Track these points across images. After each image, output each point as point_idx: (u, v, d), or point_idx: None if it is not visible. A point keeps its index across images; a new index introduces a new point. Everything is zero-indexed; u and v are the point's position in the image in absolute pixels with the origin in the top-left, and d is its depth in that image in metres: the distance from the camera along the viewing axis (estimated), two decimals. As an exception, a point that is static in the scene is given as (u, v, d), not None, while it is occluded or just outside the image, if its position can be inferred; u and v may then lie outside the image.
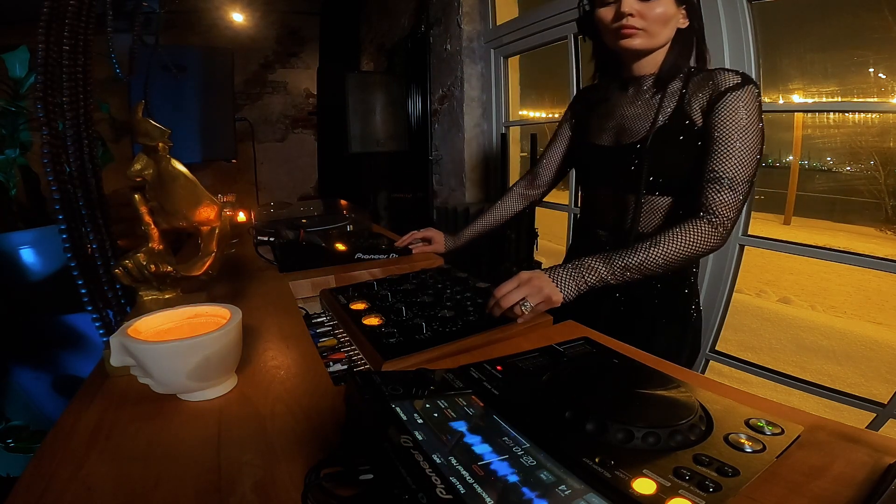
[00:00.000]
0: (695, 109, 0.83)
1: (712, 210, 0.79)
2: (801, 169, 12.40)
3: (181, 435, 0.48)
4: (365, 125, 2.96)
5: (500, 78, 2.46)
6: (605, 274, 0.77)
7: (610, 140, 0.95)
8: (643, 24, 0.82)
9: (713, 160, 0.79)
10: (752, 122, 0.78)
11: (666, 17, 0.82)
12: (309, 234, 1.15)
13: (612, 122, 0.95)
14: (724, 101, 0.79)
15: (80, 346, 1.50)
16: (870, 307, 4.37)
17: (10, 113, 1.49)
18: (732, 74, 0.81)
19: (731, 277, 1.53)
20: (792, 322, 3.58)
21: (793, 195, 9.82)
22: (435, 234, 1.21)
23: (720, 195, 0.78)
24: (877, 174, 9.79)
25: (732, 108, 0.78)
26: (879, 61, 9.77)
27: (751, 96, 0.79)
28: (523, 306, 0.72)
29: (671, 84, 0.87)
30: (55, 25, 0.96)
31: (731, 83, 0.80)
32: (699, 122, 0.83)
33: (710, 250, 0.80)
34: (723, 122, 0.79)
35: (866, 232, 8.42)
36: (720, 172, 0.78)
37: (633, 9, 0.81)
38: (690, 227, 0.79)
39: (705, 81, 0.83)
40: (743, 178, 0.78)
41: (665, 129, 0.85)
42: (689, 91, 0.84)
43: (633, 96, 0.92)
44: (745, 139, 0.78)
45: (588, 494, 0.33)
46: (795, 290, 4.81)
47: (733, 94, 0.79)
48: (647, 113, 0.88)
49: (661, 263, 0.78)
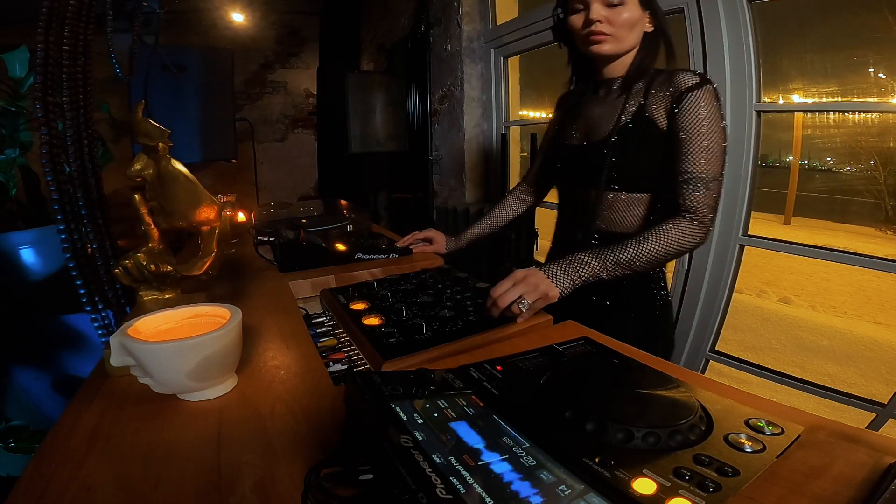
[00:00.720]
0: (657, 110, 0.87)
1: (692, 209, 0.82)
2: (801, 169, 12.40)
3: (181, 435, 0.48)
4: (365, 125, 2.96)
5: (500, 78, 2.46)
6: (598, 268, 0.80)
7: (579, 139, 1.00)
8: (611, 30, 0.86)
9: (684, 161, 0.83)
10: (714, 120, 0.82)
11: (632, 22, 0.86)
12: (309, 234, 1.15)
13: (582, 122, 1.00)
14: (685, 102, 0.83)
15: (80, 346, 1.50)
16: (870, 307, 4.37)
17: (10, 113, 1.49)
18: (691, 75, 0.84)
19: (731, 277, 1.53)
20: (792, 322, 3.58)
21: (793, 195, 9.82)
22: (436, 234, 1.22)
23: (696, 194, 0.82)
24: (877, 174, 9.79)
25: (694, 109, 0.82)
26: (879, 61, 9.76)
27: (709, 96, 0.83)
28: (521, 304, 0.72)
29: (635, 85, 0.91)
30: (55, 25, 0.96)
31: (689, 83, 0.83)
32: (661, 122, 0.87)
33: (693, 247, 0.84)
34: (687, 124, 0.83)
35: (866, 232, 8.42)
36: (693, 172, 0.82)
37: (600, 15, 0.85)
38: (675, 226, 0.82)
39: (666, 82, 0.87)
40: (714, 175, 0.82)
41: (627, 128, 0.89)
42: (651, 92, 0.89)
43: (602, 97, 0.97)
44: (711, 138, 0.82)
45: (588, 494, 0.33)
46: (795, 290, 4.81)
47: (693, 94, 0.83)
48: (612, 113, 0.93)
49: (649, 259, 0.81)
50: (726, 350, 1.65)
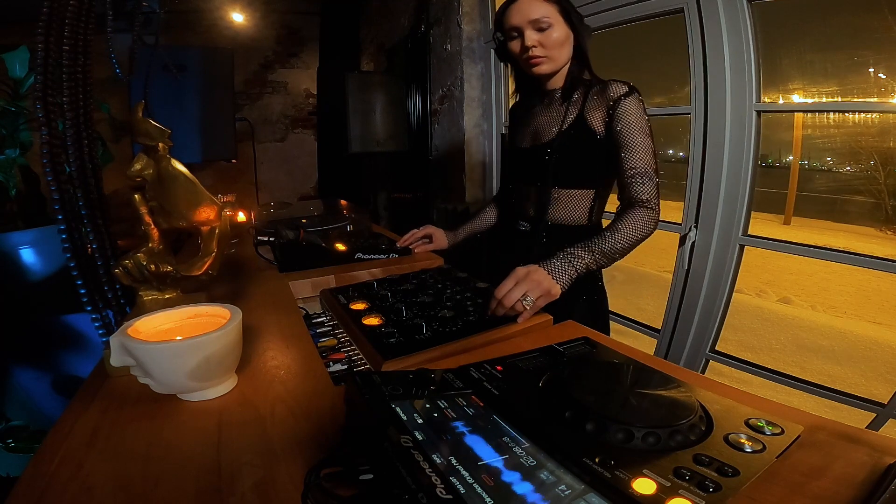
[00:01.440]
0: (594, 116, 0.99)
1: (644, 199, 0.92)
2: (801, 169, 12.40)
3: (181, 435, 0.48)
4: (365, 125, 2.96)
5: (500, 78, 2.46)
6: (589, 260, 0.86)
7: (528, 143, 1.11)
8: (545, 52, 0.97)
9: (628, 159, 0.94)
10: (644, 122, 0.95)
11: (561, 41, 0.97)
12: (309, 234, 1.15)
13: (531, 128, 1.11)
14: (618, 109, 0.95)
15: (80, 346, 1.50)
16: (870, 307, 4.37)
17: (10, 113, 1.49)
18: (621, 85, 0.97)
19: (730, 277, 1.53)
20: (792, 322, 3.58)
21: (793, 195, 9.82)
22: (435, 230, 1.24)
23: (645, 186, 0.92)
24: (877, 174, 9.79)
25: (627, 114, 0.94)
26: (879, 61, 9.77)
27: (637, 101, 0.95)
28: (525, 302, 0.74)
29: (574, 94, 1.03)
30: (55, 25, 0.96)
31: (620, 93, 0.95)
32: (598, 127, 0.98)
33: (650, 233, 0.93)
34: (624, 128, 0.94)
35: (866, 232, 8.42)
36: (638, 168, 0.93)
37: (534, 41, 0.96)
38: (636, 215, 0.90)
39: (601, 92, 0.99)
40: (653, 167, 0.94)
41: (568, 133, 1.01)
42: (588, 101, 1.00)
43: (546, 106, 1.09)
44: (645, 137, 0.94)
45: (588, 494, 0.33)
46: (795, 290, 4.81)
47: (624, 101, 0.95)
48: (556, 119, 1.05)
49: (622, 247, 0.89)
50: (726, 350, 1.65)
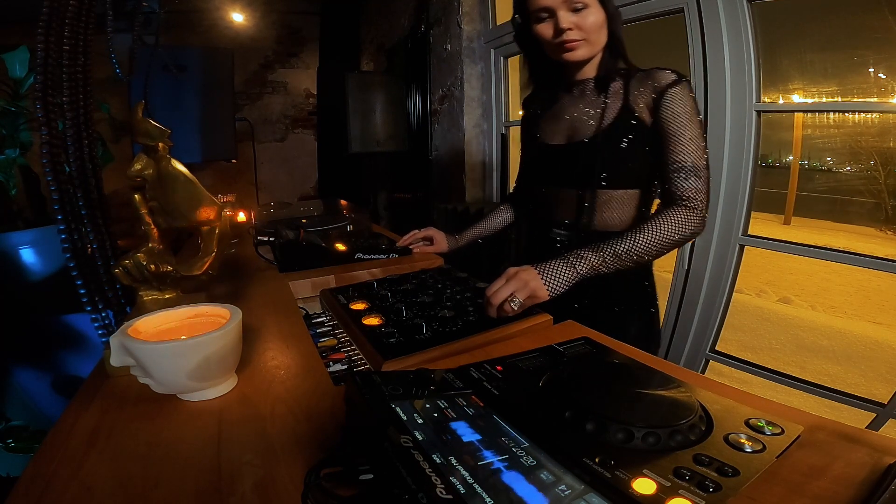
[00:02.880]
0: (640, 107, 0.89)
1: (686, 196, 0.84)
2: (801, 169, 12.39)
3: (181, 435, 0.48)
4: (365, 125, 2.96)
5: (500, 78, 2.46)
6: (596, 262, 0.80)
7: (562, 139, 0.99)
8: (582, 35, 0.86)
9: (672, 152, 0.85)
10: (694, 113, 0.86)
11: (599, 24, 0.87)
12: (309, 234, 1.15)
13: (563, 123, 0.99)
14: (666, 97, 0.86)
15: (80, 346, 1.50)
16: (870, 307, 4.37)
17: (10, 113, 1.49)
18: (668, 73, 0.87)
19: (731, 277, 1.53)
20: (792, 322, 3.58)
21: (793, 195, 9.82)
22: (436, 233, 1.22)
23: (689, 182, 0.84)
24: (877, 174, 9.78)
25: (677, 103, 0.85)
26: (879, 61, 9.78)
27: (687, 90, 0.86)
28: (512, 303, 0.72)
29: (612, 84, 0.93)
30: (55, 25, 0.96)
31: (669, 80, 0.86)
32: (646, 118, 0.89)
33: (691, 235, 0.84)
34: (672, 117, 0.85)
35: (866, 232, 8.41)
36: (682, 162, 0.84)
37: (570, 23, 0.85)
38: (671, 214, 0.83)
39: (645, 80, 0.89)
40: (702, 164, 0.84)
41: (613, 127, 0.91)
42: (631, 90, 0.90)
43: (578, 98, 0.97)
44: (694, 129, 0.85)
45: (588, 494, 0.33)
46: (795, 290, 4.81)
47: (672, 89, 0.85)
48: (594, 112, 0.94)
49: (646, 250, 0.81)
50: (726, 350, 1.65)
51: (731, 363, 1.62)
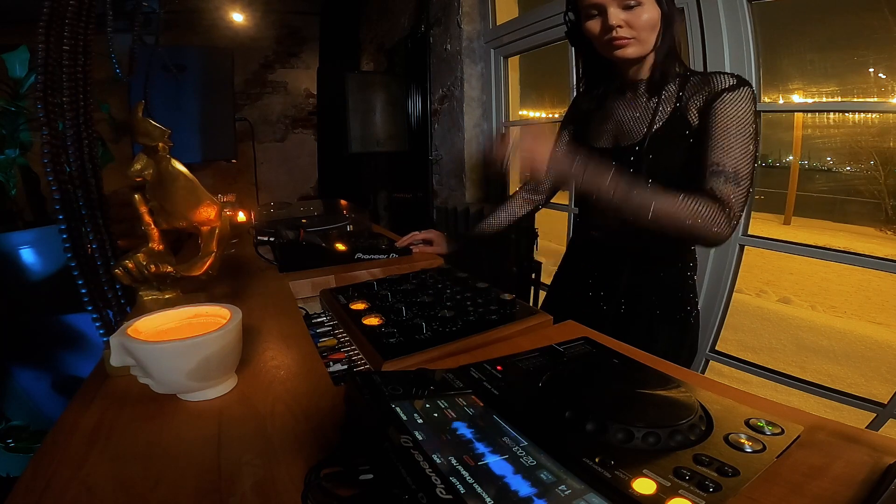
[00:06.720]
0: (692, 112, 0.85)
1: (720, 199, 0.79)
2: (801, 169, 12.40)
3: (181, 435, 0.48)
4: (365, 125, 2.96)
5: (500, 78, 2.46)
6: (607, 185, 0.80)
7: (609, 142, 0.96)
8: (633, 33, 0.82)
9: (714, 154, 0.80)
10: (748, 119, 0.79)
11: (653, 23, 0.82)
12: (309, 234, 1.15)
13: (610, 125, 0.96)
14: (720, 100, 0.80)
15: (80, 346, 1.50)
16: (870, 307, 4.37)
17: (10, 113, 1.49)
18: (729, 77, 0.82)
19: (731, 277, 1.53)
20: (792, 322, 3.58)
21: (793, 195, 9.82)
22: (436, 235, 1.22)
23: (726, 187, 0.78)
24: (877, 174, 9.79)
25: (730, 106, 0.79)
26: (879, 61, 9.78)
27: (747, 96, 0.80)
28: None
29: (667, 87, 0.88)
30: (55, 25, 0.96)
31: (727, 84, 0.81)
32: (696, 122, 0.84)
33: (712, 235, 0.79)
34: (721, 118, 0.80)
35: (866, 232, 8.42)
36: (722, 165, 0.79)
37: (619, 20, 0.81)
38: (703, 200, 0.78)
39: (702, 85, 0.84)
40: (744, 172, 0.79)
41: (662, 132, 0.87)
42: (686, 95, 0.86)
43: (629, 100, 0.93)
44: (744, 135, 0.79)
45: (588, 494, 0.33)
46: (795, 290, 4.81)
47: (730, 94, 0.80)
48: (644, 116, 0.90)
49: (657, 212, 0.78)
50: (726, 350, 1.65)
51: (731, 363, 1.62)
